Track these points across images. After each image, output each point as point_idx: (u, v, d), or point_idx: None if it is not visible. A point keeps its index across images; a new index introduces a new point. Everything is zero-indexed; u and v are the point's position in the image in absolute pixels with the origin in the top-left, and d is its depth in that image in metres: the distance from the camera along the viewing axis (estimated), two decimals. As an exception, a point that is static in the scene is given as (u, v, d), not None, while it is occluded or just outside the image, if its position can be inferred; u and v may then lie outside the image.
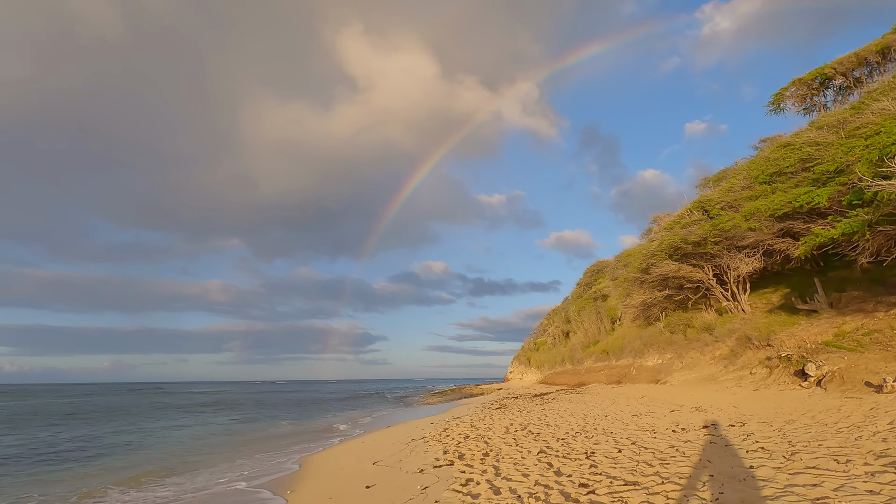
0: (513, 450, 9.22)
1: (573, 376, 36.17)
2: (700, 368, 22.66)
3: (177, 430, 21.57)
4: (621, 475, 6.32)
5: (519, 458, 8.32)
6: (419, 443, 11.96)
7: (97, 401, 49.45)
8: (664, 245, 23.71)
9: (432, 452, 10.24)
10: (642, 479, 6.02)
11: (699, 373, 22.16)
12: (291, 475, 10.26)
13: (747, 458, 6.38)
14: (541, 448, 8.92)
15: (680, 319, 26.45)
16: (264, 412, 31.84)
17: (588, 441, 9.14)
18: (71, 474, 11.82)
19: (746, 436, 7.90)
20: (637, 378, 27.79)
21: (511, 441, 10.30)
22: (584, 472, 6.81)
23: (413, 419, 21.80)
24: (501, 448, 9.56)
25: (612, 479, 6.20)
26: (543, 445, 9.25)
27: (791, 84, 33.46)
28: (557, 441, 9.52)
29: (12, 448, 16.43)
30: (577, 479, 6.40)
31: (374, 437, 15.21)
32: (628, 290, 29.98)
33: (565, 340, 43.60)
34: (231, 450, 14.91)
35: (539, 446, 9.20)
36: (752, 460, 6.25)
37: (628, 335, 32.58)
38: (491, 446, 9.94)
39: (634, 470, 6.50)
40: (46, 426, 24.03)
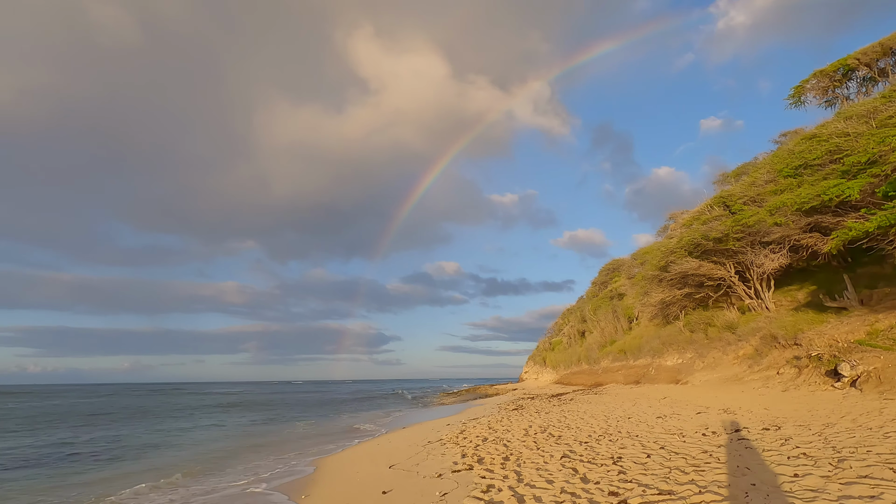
0: (534, 454, 8.83)
1: (590, 376, 35.53)
2: (723, 368, 21.97)
3: (193, 431, 21.55)
4: (654, 483, 5.91)
5: (541, 463, 7.93)
6: (436, 445, 11.63)
7: (118, 401, 50.10)
8: (684, 242, 23.07)
9: (450, 456, 9.90)
10: (677, 487, 5.60)
11: (722, 373, 21.48)
12: (306, 478, 10.01)
13: (789, 466, 5.92)
14: (564, 452, 8.52)
15: (700, 318, 25.74)
16: (281, 413, 31.82)
17: (613, 445, 8.71)
18: (86, 477, 11.74)
19: (784, 440, 7.42)
20: (656, 378, 27.12)
21: (531, 444, 9.91)
22: (613, 479, 6.40)
23: (428, 420, 21.50)
24: (522, 452, 9.18)
25: (644, 487, 5.80)
26: (566, 449, 8.85)
27: (812, 76, 32.41)
28: (581, 445, 9.11)
29: (30, 449, 16.51)
30: (606, 487, 6.01)
31: (389, 438, 14.93)
32: (646, 288, 29.31)
33: (581, 340, 42.93)
34: (246, 451, 14.75)
35: (562, 450, 8.80)
36: (796, 468, 5.79)
37: (646, 334, 31.88)
38: (511, 450, 9.56)
39: (667, 477, 6.08)
40: (70, 427, 24.25)
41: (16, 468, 13.19)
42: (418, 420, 22.37)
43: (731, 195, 21.64)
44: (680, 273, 23.93)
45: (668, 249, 24.01)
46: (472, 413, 22.09)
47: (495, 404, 26.78)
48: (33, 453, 15.64)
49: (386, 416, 26.51)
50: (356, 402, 43.83)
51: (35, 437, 20.05)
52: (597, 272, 52.85)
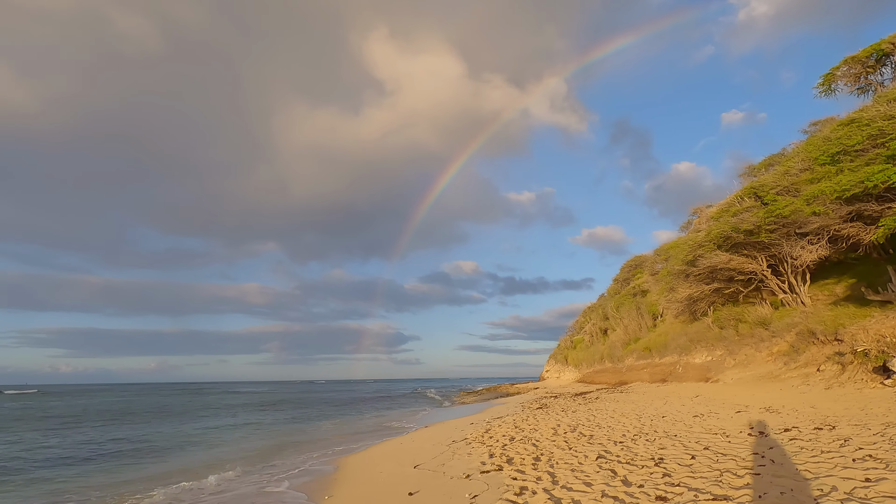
0: (566, 454, 8.34)
1: (613, 375, 34.67)
2: (756, 366, 21.03)
3: (217, 430, 21.57)
4: (705, 487, 5.38)
5: (576, 464, 7.45)
6: (461, 445, 11.21)
7: (147, 400, 50.99)
8: (712, 235, 22.18)
9: (477, 455, 9.47)
10: (733, 492, 5.07)
11: (755, 370, 20.56)
12: (328, 477, 9.70)
13: (857, 469, 5.33)
14: (599, 453, 8.01)
15: (730, 314, 24.76)
16: (304, 412, 31.82)
17: (651, 445, 8.17)
18: (102, 479, 11.64)
19: (843, 441, 6.79)
20: (684, 376, 26.22)
21: (562, 444, 9.42)
22: (658, 482, 5.89)
23: (451, 419, 21.10)
24: (553, 452, 8.69)
25: (696, 491, 5.28)
26: (601, 449, 8.33)
27: (843, 63, 30.97)
28: (616, 445, 8.58)
29: (54, 449, 16.64)
30: (652, 491, 5.50)
31: (412, 437, 14.58)
32: (672, 284, 28.40)
33: (603, 338, 42.00)
34: (269, 450, 14.57)
35: (596, 450, 8.29)
36: (865, 471, 5.20)
37: (672, 331, 30.92)
38: (541, 450, 9.08)
39: (719, 481, 5.54)
40: (99, 425, 24.57)
41: (52, 466, 13.25)
42: (441, 419, 21.99)
43: (763, 185, 20.69)
44: (708, 267, 23.04)
45: (695, 243, 23.14)
46: (494, 412, 21.61)
47: (518, 403, 26.24)
48: (55, 454, 15.75)
49: (408, 415, 26.22)
50: (377, 401, 43.73)
51: (78, 433, 20.32)
52: (618, 269, 51.78)
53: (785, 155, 33.91)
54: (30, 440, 18.46)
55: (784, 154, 34.38)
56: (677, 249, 27.74)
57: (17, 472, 12.32)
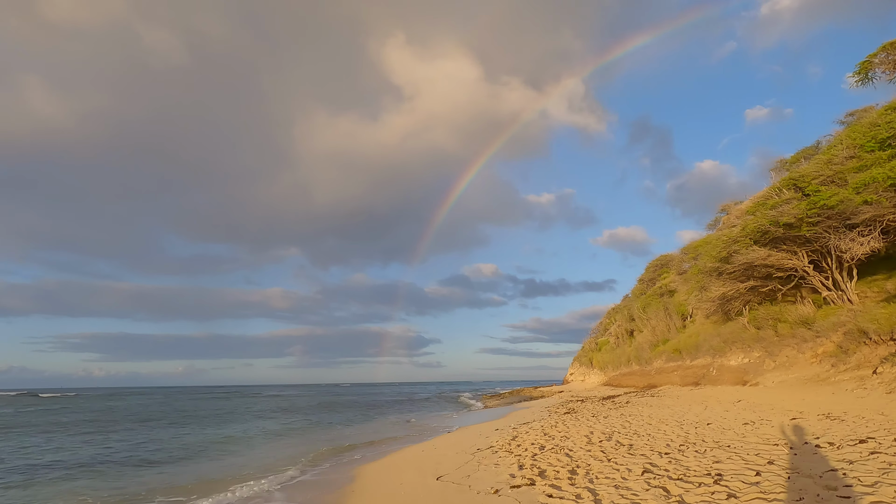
0: (606, 466, 7.43)
1: (641, 378, 33.24)
2: (799, 368, 19.59)
3: (235, 436, 21.14)
4: (786, 514, 4.45)
5: (619, 479, 6.54)
6: (487, 453, 10.36)
7: (176, 404, 51.43)
8: (748, 229, 20.84)
9: (505, 466, 8.61)
10: (825, 521, 4.13)
11: (799, 373, 19.13)
12: (344, 490, 8.95)
13: (977, 493, 4.32)
14: (643, 466, 7.07)
15: (767, 313, 23.26)
16: (324, 416, 31.31)
17: (703, 457, 7.19)
18: (114, 483, 11.18)
19: (940, 456, 5.73)
20: (718, 379, 24.78)
21: (599, 454, 8.48)
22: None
23: (474, 423, 20.23)
24: (590, 464, 7.78)
25: (776, 519, 4.35)
26: (644, 462, 7.39)
27: (881, 49, 29.06)
28: (661, 457, 7.62)
29: (58, 454, 16.39)
30: (720, 517, 4.59)
31: (434, 444, 13.76)
32: (703, 282, 26.97)
33: (630, 339, 40.50)
34: (285, 458, 13.93)
35: (639, 463, 7.35)
36: None
37: (703, 332, 29.41)
38: (576, 461, 8.18)
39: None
40: (122, 430, 24.50)
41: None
42: (464, 423, 21.13)
43: (804, 176, 19.29)
44: (744, 264, 21.67)
45: (730, 239, 21.80)
46: (519, 416, 20.65)
47: (543, 407, 25.18)
48: (57, 458, 15.48)
49: (429, 419, 25.42)
50: (399, 404, 43.04)
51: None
52: (641, 270, 50.09)
53: (820, 148, 32.12)
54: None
55: (819, 147, 32.58)
56: (709, 246, 26.34)
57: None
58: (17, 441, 19.45)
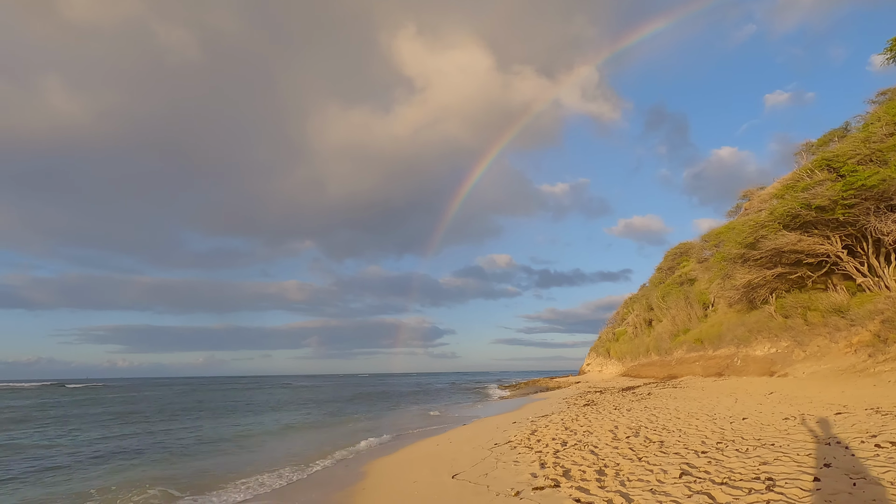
0: (637, 467, 6.75)
1: (661, 368, 32.29)
2: (832, 358, 18.55)
3: (248, 429, 20.92)
4: (866, 532, 3.73)
5: (654, 483, 5.86)
6: (505, 449, 9.76)
7: (196, 395, 51.97)
8: (777, 213, 19.74)
9: (525, 464, 7.99)
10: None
11: (832, 363, 18.10)
12: (353, 489, 8.41)
13: None
14: (681, 468, 6.37)
15: (796, 301, 22.14)
16: (340, 407, 31.10)
17: (746, 458, 6.46)
18: (109, 477, 10.84)
19: None
20: (743, 370, 23.79)
21: (627, 452, 7.80)
22: (783, 517, 4.26)
23: (490, 415, 19.66)
24: (619, 463, 7.11)
25: (856, 539, 3.64)
26: (680, 461, 6.70)
27: (918, 23, 27.26)
28: (699, 456, 6.91)
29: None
30: (783, 534, 3.89)
31: (449, 438, 13.21)
32: (727, 270, 25.87)
33: (648, 329, 39.45)
34: (294, 451, 13.52)
35: (675, 463, 6.65)
36: None
37: (727, 322, 28.33)
38: (603, 459, 7.51)
39: (883, 522, 3.87)
40: (137, 422, 24.54)
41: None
42: (480, 415, 20.58)
43: (839, 156, 18.10)
44: (772, 250, 20.58)
45: (757, 223, 20.70)
46: (536, 408, 20.02)
47: (560, 398, 24.50)
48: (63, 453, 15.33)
49: (445, 411, 24.95)
50: (414, 395, 42.75)
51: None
52: (658, 259, 48.83)
53: (849, 130, 30.58)
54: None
55: (848, 129, 31.03)
56: (733, 233, 25.19)
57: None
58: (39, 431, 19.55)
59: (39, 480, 10.45)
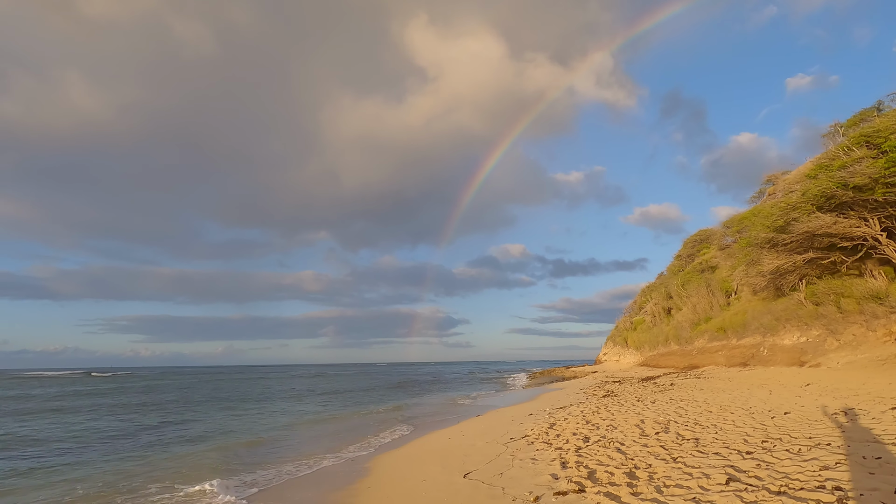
0: (673, 469, 5.90)
1: (682, 358, 31.14)
2: (870, 347, 17.33)
3: (260, 416, 20.53)
4: None
5: (697, 490, 5.01)
6: (521, 444, 8.98)
7: (217, 384, 52.35)
8: (811, 194, 18.44)
9: (544, 463, 7.20)
10: None
11: (871, 353, 16.90)
12: (354, 487, 7.70)
13: None
14: (726, 472, 5.50)
15: (828, 287, 20.84)
16: (354, 397, 30.71)
17: (801, 460, 5.56)
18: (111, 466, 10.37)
19: None
20: (770, 360, 22.61)
21: (659, 450, 6.96)
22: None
23: (505, 406, 18.91)
24: (651, 464, 6.27)
25: None
26: (722, 463, 5.83)
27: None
28: (743, 458, 6.02)
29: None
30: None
31: (462, 430, 12.48)
32: (753, 256, 24.56)
33: (667, 318, 38.19)
34: (299, 443, 12.96)
35: (717, 466, 5.79)
36: None
37: (752, 310, 27.04)
38: (632, 458, 6.68)
39: None
40: (152, 411, 24.40)
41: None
42: (494, 406, 19.84)
43: (880, 130, 16.72)
44: (805, 233, 19.30)
45: (788, 205, 19.41)
46: (553, 399, 19.21)
47: (577, 389, 23.64)
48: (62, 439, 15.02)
49: (458, 401, 24.28)
50: (429, 383, 42.28)
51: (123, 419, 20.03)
52: (674, 247, 47.31)
53: (882, 108, 28.85)
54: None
55: (881, 107, 29.28)
56: (759, 217, 23.85)
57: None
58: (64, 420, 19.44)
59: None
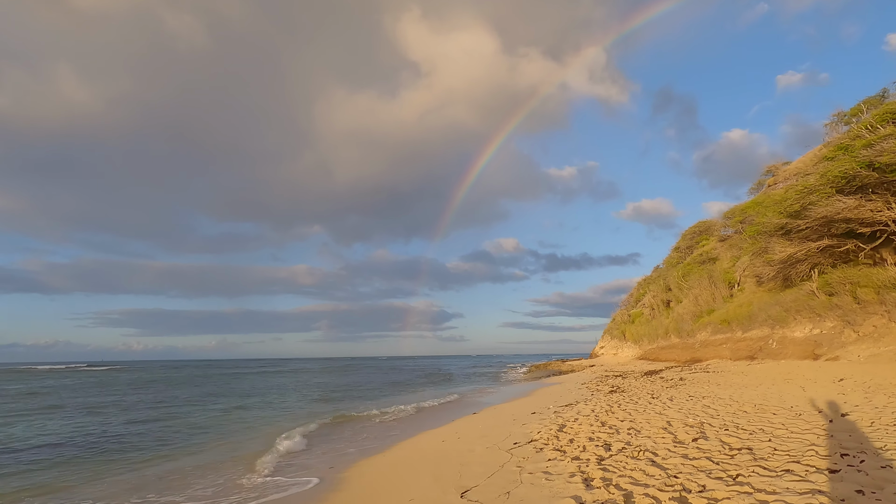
0: (739, 494, 4.40)
1: (683, 351, 29.85)
2: (894, 339, 16.01)
3: (239, 411, 18.95)
4: None
5: (791, 532, 3.51)
6: (528, 450, 7.47)
7: (204, 378, 50.64)
8: (831, 176, 17.03)
9: (561, 479, 5.68)
10: None
11: (894, 345, 15.58)
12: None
13: None
14: (820, 503, 4.00)
15: (843, 277, 19.51)
16: (344, 391, 29.19)
17: (919, 485, 4.08)
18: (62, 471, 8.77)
19: None
20: (780, 353, 21.29)
21: (706, 464, 5.45)
22: None
23: (502, 402, 17.46)
24: (706, 485, 4.74)
25: None
26: (808, 490, 4.33)
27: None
28: (831, 480, 4.53)
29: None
30: None
31: (456, 430, 10.96)
32: (763, 244, 23.21)
33: (667, 311, 36.92)
34: (260, 443, 11.42)
35: (798, 489, 4.29)
36: None
37: (758, 301, 25.74)
38: (675, 475, 5.17)
39: None
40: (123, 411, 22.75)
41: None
42: (490, 402, 18.37)
43: (910, 105, 15.32)
44: (822, 219, 17.93)
45: (805, 188, 18.00)
46: (553, 394, 17.78)
47: (577, 383, 22.24)
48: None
49: (452, 396, 22.81)
50: (422, 377, 40.83)
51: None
52: (667, 242, 46.08)
53: (887, 96, 27.69)
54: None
55: (885, 95, 28.12)
56: (771, 203, 22.49)
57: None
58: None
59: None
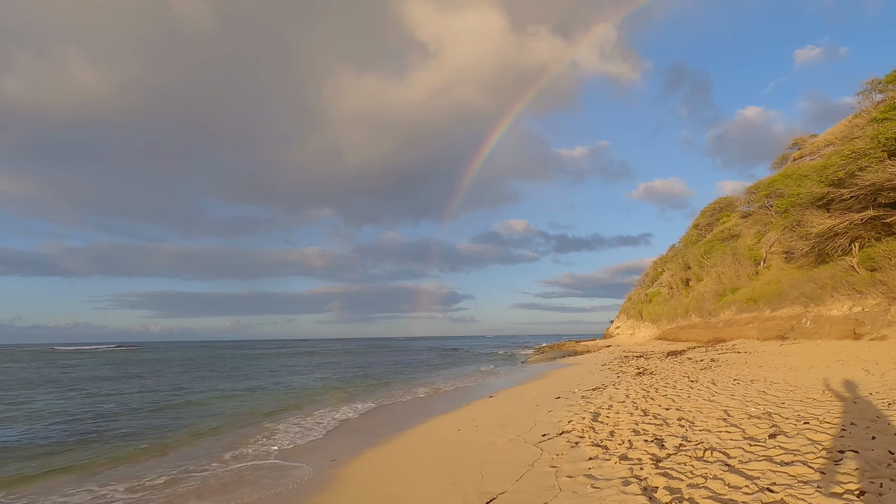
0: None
1: (706, 331, 28.36)
2: (954, 317, 14.40)
3: (237, 395, 18.07)
4: None
5: None
6: (560, 444, 6.23)
7: (210, 359, 50.44)
8: (884, 138, 15.23)
9: (612, 488, 4.40)
10: None
11: (956, 323, 13.98)
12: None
13: None
14: None
15: (889, 250, 17.77)
16: (345, 372, 28.35)
17: None
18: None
19: None
20: (816, 333, 19.73)
21: (804, 471, 4.14)
22: None
23: (518, 384, 16.30)
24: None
25: None
26: None
27: None
28: None
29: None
30: None
31: (473, 416, 9.76)
32: (797, 218, 21.46)
33: (686, 290, 35.31)
34: (255, 428, 10.36)
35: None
36: None
37: (787, 278, 24.06)
38: (770, 488, 3.87)
39: None
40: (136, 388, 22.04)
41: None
42: (507, 384, 17.20)
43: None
44: (870, 186, 16.19)
45: (853, 152, 16.21)
46: (573, 376, 16.55)
47: (596, 364, 20.99)
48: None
49: (465, 377, 21.74)
50: (434, 357, 39.98)
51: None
52: (680, 222, 44.11)
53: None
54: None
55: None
56: (799, 176, 20.65)
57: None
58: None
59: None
